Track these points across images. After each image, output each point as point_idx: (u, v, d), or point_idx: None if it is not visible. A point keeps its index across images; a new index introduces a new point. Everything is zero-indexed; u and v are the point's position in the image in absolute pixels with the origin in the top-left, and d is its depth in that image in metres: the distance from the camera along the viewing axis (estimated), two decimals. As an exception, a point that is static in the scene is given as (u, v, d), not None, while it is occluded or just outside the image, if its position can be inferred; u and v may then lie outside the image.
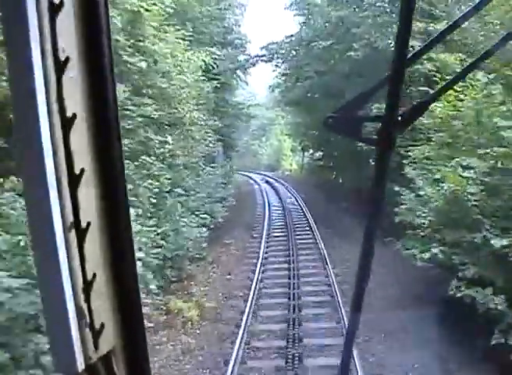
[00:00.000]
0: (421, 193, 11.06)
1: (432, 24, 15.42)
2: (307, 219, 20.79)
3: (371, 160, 17.86)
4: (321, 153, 35.84)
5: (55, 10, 0.66)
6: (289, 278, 13.01)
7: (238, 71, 29.37)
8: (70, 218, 0.70)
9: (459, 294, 8.37)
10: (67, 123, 0.69)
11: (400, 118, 0.90)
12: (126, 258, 0.80)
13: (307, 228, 19.43)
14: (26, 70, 0.65)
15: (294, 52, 26.88)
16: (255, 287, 12.10)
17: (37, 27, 0.64)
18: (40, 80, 0.65)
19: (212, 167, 20.92)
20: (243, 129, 71.36)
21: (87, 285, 0.72)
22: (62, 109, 0.68)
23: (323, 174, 33.69)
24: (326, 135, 24.11)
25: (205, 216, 15.60)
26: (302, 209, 23.41)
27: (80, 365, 0.71)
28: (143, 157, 11.17)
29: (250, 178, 43.26)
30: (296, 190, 30.58)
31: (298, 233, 18.61)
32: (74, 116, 0.69)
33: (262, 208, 24.51)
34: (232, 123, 29.97)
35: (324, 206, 23.49)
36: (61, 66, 0.68)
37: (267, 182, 38.06)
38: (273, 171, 52.79)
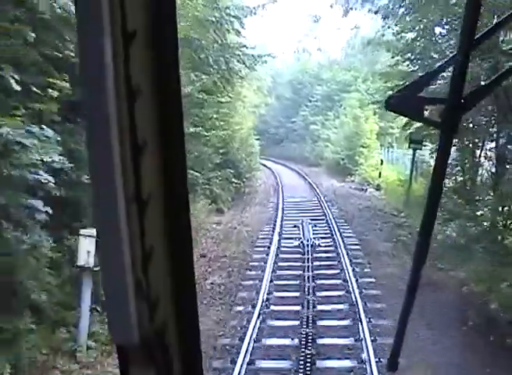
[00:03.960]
0: None
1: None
2: None
3: None
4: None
5: None
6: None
7: None
8: (132, 189, 0.72)
9: None
10: (133, 94, 0.71)
11: (463, 100, 0.87)
12: (182, 232, 0.81)
13: None
14: (96, 40, 0.67)
15: None
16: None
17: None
18: (108, 51, 0.67)
19: None
20: (298, 97, 44.67)
21: (146, 257, 0.74)
22: (128, 79, 0.70)
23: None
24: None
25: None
26: None
27: (136, 337, 0.72)
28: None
29: (271, 222, 18.57)
30: None
31: None
32: (139, 87, 0.72)
33: None
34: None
35: None
36: (129, 37, 0.70)
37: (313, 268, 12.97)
38: (341, 180, 26.97)
